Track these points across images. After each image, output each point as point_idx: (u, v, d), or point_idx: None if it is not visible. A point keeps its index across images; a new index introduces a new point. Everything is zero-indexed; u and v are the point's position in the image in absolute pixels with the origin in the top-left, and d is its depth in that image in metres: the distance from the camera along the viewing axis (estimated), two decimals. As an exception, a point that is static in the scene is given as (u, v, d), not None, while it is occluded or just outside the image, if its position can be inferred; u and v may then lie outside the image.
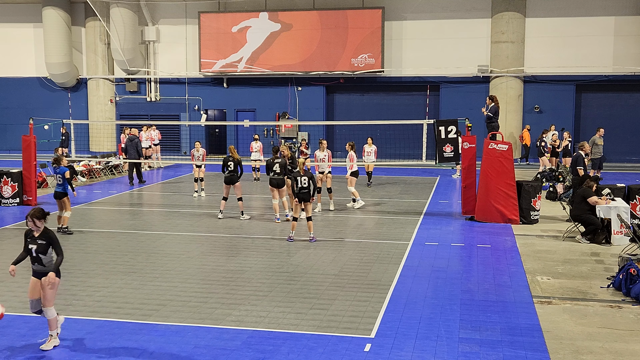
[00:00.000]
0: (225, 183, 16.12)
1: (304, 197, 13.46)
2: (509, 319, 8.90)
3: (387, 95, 30.66)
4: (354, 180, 17.61)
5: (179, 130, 31.54)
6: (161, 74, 31.95)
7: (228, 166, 15.99)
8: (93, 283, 10.58)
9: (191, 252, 13.07)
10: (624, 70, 27.89)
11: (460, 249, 13.08)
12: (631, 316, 9.04)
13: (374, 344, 7.94)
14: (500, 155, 15.42)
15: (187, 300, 9.70)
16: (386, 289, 10.24)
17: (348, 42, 29.40)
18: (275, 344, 7.96)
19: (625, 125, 28.73)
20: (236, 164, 15.99)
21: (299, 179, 13.44)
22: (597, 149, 22.67)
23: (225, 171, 16.07)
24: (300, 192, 13.44)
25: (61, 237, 14.08)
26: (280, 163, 15.62)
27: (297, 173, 13.63)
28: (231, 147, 16.38)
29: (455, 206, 17.84)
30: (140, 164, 22.80)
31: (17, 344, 8.03)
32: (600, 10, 27.97)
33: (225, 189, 16.13)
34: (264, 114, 30.94)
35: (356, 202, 17.54)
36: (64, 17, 31.44)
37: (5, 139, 33.01)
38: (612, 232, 13.34)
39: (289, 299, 9.69)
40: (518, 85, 28.74)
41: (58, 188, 14.52)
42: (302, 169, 13.65)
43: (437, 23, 29.19)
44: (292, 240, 13.53)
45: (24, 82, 33.02)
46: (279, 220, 15.68)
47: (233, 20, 30.46)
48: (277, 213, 15.79)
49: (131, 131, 23.74)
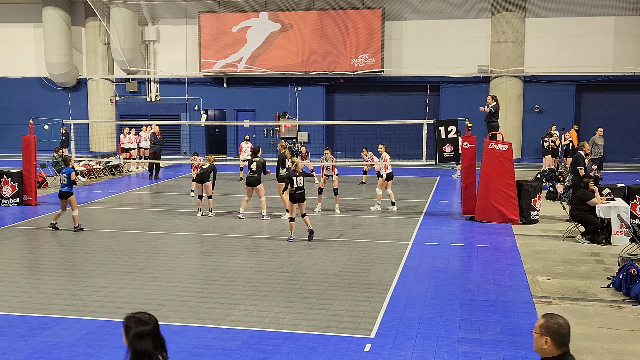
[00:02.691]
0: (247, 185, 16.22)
1: (300, 197, 13.43)
2: (509, 319, 8.90)
3: (387, 95, 30.65)
4: (389, 183, 17.11)
5: (179, 130, 31.53)
6: (161, 74, 31.95)
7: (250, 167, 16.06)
8: (93, 283, 10.58)
9: (191, 252, 13.08)
10: (624, 70, 27.88)
11: (460, 249, 13.08)
12: (631, 316, 9.04)
13: (374, 344, 7.94)
14: (500, 155, 15.42)
15: (187, 300, 9.70)
16: (386, 289, 10.24)
17: (348, 42, 29.40)
18: (275, 344, 7.96)
19: (625, 125, 28.71)
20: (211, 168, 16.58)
21: (295, 179, 13.41)
22: (597, 149, 22.69)
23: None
24: (296, 192, 13.41)
25: (57, 235, 14.12)
26: (258, 162, 15.71)
27: (292, 173, 13.55)
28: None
29: (455, 206, 17.84)
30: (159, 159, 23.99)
31: (17, 344, 8.02)
32: (600, 10, 27.96)
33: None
34: (264, 114, 30.93)
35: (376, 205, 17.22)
36: (64, 17, 31.43)
37: (5, 139, 33.00)
38: (612, 232, 13.35)
39: (289, 299, 9.69)
40: (518, 85, 28.73)
41: (63, 187, 14.69)
42: (299, 170, 13.61)
43: (437, 23, 29.18)
44: (292, 240, 13.53)
45: (24, 82, 33.00)
46: (242, 215, 16.00)
47: (233, 20, 30.45)
48: (242, 209, 16.10)
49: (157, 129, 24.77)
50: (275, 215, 16.34)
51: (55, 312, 9.15)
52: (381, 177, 17.23)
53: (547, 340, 4.03)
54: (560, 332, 4.04)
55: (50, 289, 10.29)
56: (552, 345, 4.04)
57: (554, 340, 4.03)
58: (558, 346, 4.04)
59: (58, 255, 12.65)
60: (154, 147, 24.77)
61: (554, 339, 4.03)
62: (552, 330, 4.04)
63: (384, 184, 17.10)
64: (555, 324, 4.06)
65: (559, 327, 4.05)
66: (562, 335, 4.05)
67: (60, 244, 13.50)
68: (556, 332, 4.04)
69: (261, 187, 15.95)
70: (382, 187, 17.14)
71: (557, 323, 4.06)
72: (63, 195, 14.61)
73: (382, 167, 17.30)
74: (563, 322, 4.08)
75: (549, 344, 4.03)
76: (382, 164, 17.15)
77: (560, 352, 4.05)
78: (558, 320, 4.08)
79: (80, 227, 14.66)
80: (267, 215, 16.09)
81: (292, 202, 13.52)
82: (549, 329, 4.05)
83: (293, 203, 13.52)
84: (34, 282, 10.80)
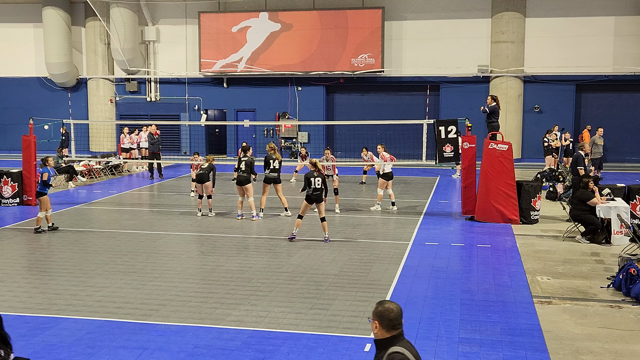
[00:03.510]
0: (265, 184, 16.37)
1: (317, 198, 13.33)
2: (509, 319, 8.90)
3: (387, 95, 30.66)
4: (390, 183, 17.04)
5: (179, 130, 31.53)
6: (161, 74, 31.95)
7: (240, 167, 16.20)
8: (93, 283, 10.58)
9: (191, 252, 13.08)
10: (624, 70, 27.88)
11: (460, 249, 13.07)
12: (631, 316, 9.04)
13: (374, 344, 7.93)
14: (500, 155, 15.42)
15: (187, 300, 9.69)
16: (386, 289, 10.24)
17: (348, 42, 29.40)
18: (275, 344, 7.96)
19: (625, 125, 28.72)
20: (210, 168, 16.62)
21: (313, 180, 13.31)
22: (597, 149, 22.70)
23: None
24: (313, 193, 13.30)
25: (57, 235, 14.12)
26: (247, 162, 15.71)
27: (310, 174, 13.41)
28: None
29: (455, 206, 17.84)
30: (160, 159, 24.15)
31: (17, 344, 8.01)
32: (600, 10, 27.97)
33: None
34: (264, 114, 30.93)
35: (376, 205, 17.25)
36: (64, 17, 31.43)
37: (5, 139, 33.00)
38: (612, 232, 13.34)
39: (289, 299, 9.69)
40: (518, 85, 28.73)
41: (38, 187, 14.79)
42: (317, 170, 13.47)
43: (437, 23, 29.18)
44: (293, 237, 13.48)
45: (24, 82, 33.00)
46: (242, 216, 16.00)
47: (233, 20, 30.45)
48: (239, 210, 16.11)
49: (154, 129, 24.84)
50: (275, 215, 16.33)
51: (55, 312, 9.14)
52: (380, 178, 17.23)
53: (376, 325, 4.25)
54: (388, 316, 4.23)
55: (50, 289, 10.29)
56: (381, 328, 4.24)
57: (381, 324, 4.23)
58: (387, 330, 4.24)
59: (58, 255, 12.65)
60: (151, 147, 24.77)
61: (381, 322, 4.23)
62: (380, 314, 4.24)
63: (384, 184, 17.09)
64: (383, 309, 4.26)
65: (385, 311, 4.25)
66: (390, 320, 4.23)
67: (60, 244, 13.49)
68: (383, 316, 4.23)
69: (250, 187, 15.94)
70: (382, 187, 17.13)
71: (385, 308, 4.26)
72: (36, 195, 14.65)
73: (381, 166, 17.29)
74: (392, 307, 4.27)
75: (378, 327, 4.24)
76: (382, 163, 17.15)
77: (389, 335, 4.25)
78: (387, 306, 4.27)
79: (41, 230, 14.43)
80: (257, 215, 16.05)
81: (309, 203, 13.37)
82: (378, 314, 4.26)
83: (309, 203, 13.39)
84: (34, 282, 10.80)
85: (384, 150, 17.23)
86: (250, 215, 16.01)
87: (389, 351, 4.18)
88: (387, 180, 17.01)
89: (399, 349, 4.17)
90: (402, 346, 4.20)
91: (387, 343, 4.24)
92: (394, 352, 4.16)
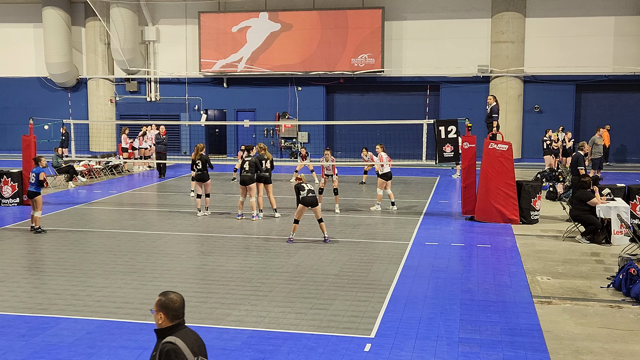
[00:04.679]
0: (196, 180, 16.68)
1: (312, 200, 13.28)
2: (509, 319, 8.90)
3: (387, 95, 30.65)
4: (389, 183, 17.06)
5: (179, 130, 31.53)
6: (161, 74, 31.94)
7: (196, 164, 16.29)
8: (93, 283, 10.58)
9: (191, 252, 13.08)
10: (624, 70, 27.88)
11: (460, 249, 13.07)
12: (631, 316, 9.04)
13: (374, 344, 7.94)
14: (500, 155, 15.42)
15: (187, 300, 9.53)
16: (386, 289, 10.24)
17: (348, 42, 29.40)
18: (275, 344, 7.96)
19: (625, 125, 28.72)
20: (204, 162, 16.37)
21: (305, 185, 13.36)
22: (597, 149, 22.68)
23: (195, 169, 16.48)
24: (308, 194, 13.30)
25: (57, 235, 14.12)
26: (251, 161, 15.69)
27: (298, 184, 13.51)
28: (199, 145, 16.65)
29: (455, 206, 17.84)
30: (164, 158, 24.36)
31: (17, 344, 8.02)
32: (600, 10, 27.97)
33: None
34: (264, 114, 30.93)
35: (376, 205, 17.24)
36: (64, 17, 31.43)
37: (5, 139, 33.00)
38: (612, 232, 13.34)
39: (289, 299, 9.69)
40: (518, 85, 28.73)
41: (31, 187, 14.68)
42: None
43: (437, 23, 29.18)
44: (292, 241, 13.51)
45: (24, 82, 33.00)
46: (242, 216, 15.98)
47: (233, 20, 30.45)
48: (240, 210, 16.08)
49: (159, 129, 24.93)
50: (269, 216, 16.30)
51: (55, 312, 9.15)
52: (379, 178, 17.22)
53: (161, 316, 4.44)
54: (173, 307, 4.45)
55: (50, 289, 10.30)
56: (166, 319, 4.44)
57: (167, 315, 4.44)
58: (170, 319, 4.45)
59: (58, 255, 12.65)
60: (158, 147, 24.82)
61: (167, 313, 4.43)
62: (164, 305, 4.44)
63: (383, 184, 17.09)
64: (167, 300, 4.46)
65: (169, 301, 4.46)
66: (174, 310, 4.45)
67: (60, 244, 13.49)
68: (168, 307, 4.44)
69: (253, 187, 15.92)
70: (382, 187, 17.13)
71: (168, 299, 4.47)
72: (30, 195, 14.58)
73: (379, 167, 17.30)
74: (175, 297, 4.49)
75: (164, 318, 4.44)
76: (379, 163, 17.18)
77: (172, 323, 4.44)
78: (171, 297, 4.49)
79: (40, 230, 14.39)
80: (257, 215, 16.03)
81: (304, 206, 13.29)
82: (162, 305, 4.45)
83: (305, 206, 13.33)
84: (34, 282, 10.81)
85: (383, 150, 17.23)
86: (250, 215, 16.01)
87: (163, 341, 4.37)
88: (386, 180, 17.02)
89: (172, 339, 4.36)
90: (179, 336, 4.39)
91: (167, 332, 4.43)
92: (166, 342, 4.35)
